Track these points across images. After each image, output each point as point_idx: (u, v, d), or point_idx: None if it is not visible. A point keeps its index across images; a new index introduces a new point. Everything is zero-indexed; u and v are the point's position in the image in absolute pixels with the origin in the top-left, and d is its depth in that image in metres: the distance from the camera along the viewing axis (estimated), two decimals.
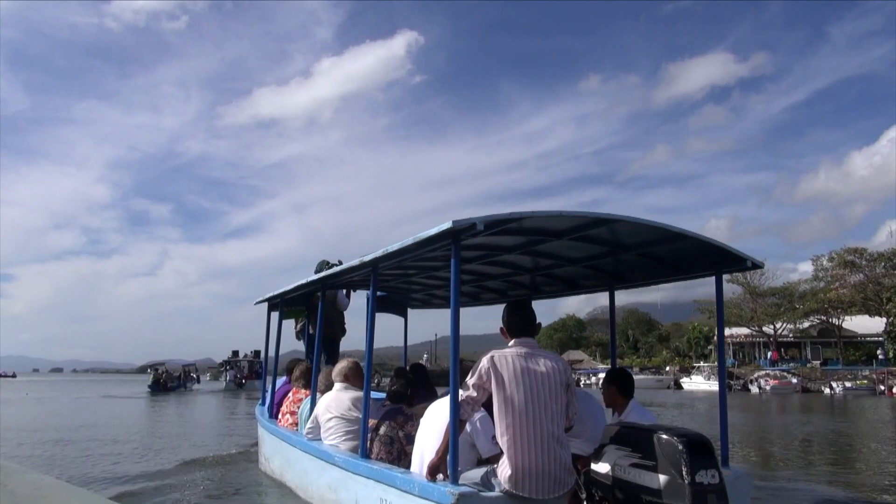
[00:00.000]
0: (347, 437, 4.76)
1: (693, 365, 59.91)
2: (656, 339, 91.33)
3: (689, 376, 51.68)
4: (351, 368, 5.09)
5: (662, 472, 2.98)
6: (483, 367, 3.14)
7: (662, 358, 72.74)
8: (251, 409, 22.67)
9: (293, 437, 5.55)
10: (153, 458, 8.86)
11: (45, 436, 11.69)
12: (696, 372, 51.42)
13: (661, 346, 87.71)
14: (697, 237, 3.85)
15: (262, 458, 7.18)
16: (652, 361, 75.30)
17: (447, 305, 8.58)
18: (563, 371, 3.24)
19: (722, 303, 4.41)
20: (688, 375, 52.66)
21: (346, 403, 4.84)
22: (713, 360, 59.97)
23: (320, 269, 9.17)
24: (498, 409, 3.08)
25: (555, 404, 3.11)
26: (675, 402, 27.50)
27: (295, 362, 7.41)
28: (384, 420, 4.25)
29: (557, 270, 5.57)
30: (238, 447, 9.72)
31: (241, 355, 46.42)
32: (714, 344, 69.36)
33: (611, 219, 3.54)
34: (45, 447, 10.08)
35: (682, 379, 50.73)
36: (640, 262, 4.70)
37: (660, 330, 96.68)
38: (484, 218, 3.11)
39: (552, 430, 3.07)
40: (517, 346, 3.26)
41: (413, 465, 3.79)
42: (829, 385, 40.84)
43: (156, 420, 17.40)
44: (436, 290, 7.72)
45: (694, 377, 49.69)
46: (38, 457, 9.14)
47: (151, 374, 37.93)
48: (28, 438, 11.19)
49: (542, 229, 4.05)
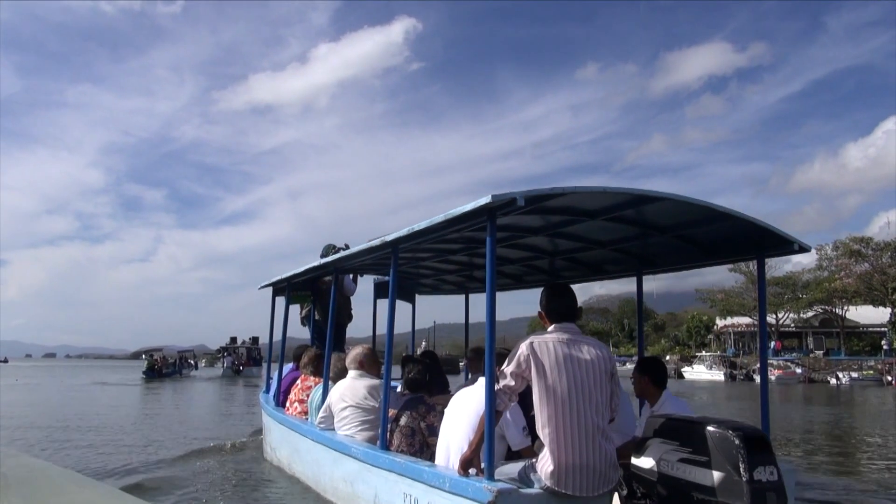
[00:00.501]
0: (363, 427, 4.57)
1: (694, 354, 60.06)
2: (651, 328, 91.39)
3: (690, 365, 51.78)
4: (366, 355, 4.90)
5: (717, 468, 2.80)
6: (522, 354, 2.94)
7: (661, 347, 73.04)
8: (250, 397, 22.52)
9: (304, 427, 5.37)
10: (153, 448, 8.67)
11: (36, 426, 11.22)
12: (698, 361, 51.54)
13: (656, 335, 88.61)
14: (744, 218, 3.63)
15: (267, 447, 7.01)
16: (649, 350, 75.50)
17: (459, 291, 8.40)
18: (608, 359, 3.04)
19: (765, 290, 4.22)
20: (688, 364, 52.77)
21: (362, 392, 4.65)
22: (714, 349, 60.13)
23: (326, 253, 8.96)
24: (539, 399, 2.88)
25: (599, 394, 2.92)
26: (676, 391, 27.39)
27: (303, 349, 7.22)
28: (405, 410, 4.06)
29: (581, 254, 5.38)
30: (241, 436, 9.55)
31: (240, 342, 46.26)
32: (714, 333, 69.67)
33: (656, 196, 3.33)
34: (37, 439, 9.83)
35: (684, 368, 50.82)
36: (674, 245, 4.49)
37: (655, 319, 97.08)
38: (524, 192, 2.89)
39: (597, 422, 2.88)
40: (558, 331, 3.06)
41: (438, 459, 3.61)
42: (836, 375, 40.89)
43: (151, 408, 17.05)
44: (447, 274, 7.52)
45: (696, 366, 49.82)
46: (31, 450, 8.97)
47: (146, 360, 37.73)
48: (17, 430, 10.71)
49: (576, 208, 3.83)
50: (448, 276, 7.71)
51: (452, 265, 6.80)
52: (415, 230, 3.62)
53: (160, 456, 7.78)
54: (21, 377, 34.60)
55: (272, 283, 7.81)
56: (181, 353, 43.91)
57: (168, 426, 11.69)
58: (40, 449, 8.56)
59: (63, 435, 9.91)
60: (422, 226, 3.54)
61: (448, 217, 3.27)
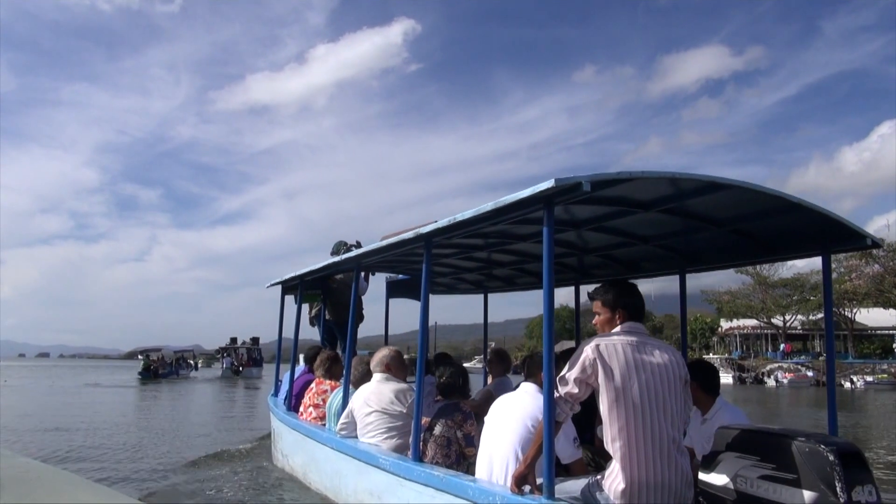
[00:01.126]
0: (390, 435, 4.30)
1: (700, 357, 59.72)
2: (650, 330, 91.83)
3: None
4: (393, 357, 4.63)
5: (808, 487, 2.52)
6: (587, 358, 2.66)
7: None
8: (252, 399, 22.24)
9: (322, 434, 5.08)
10: (154, 456, 8.34)
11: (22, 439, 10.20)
12: None
13: (655, 337, 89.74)
14: (817, 209, 3.36)
15: (278, 453, 6.74)
16: None
17: (476, 291, 8.11)
18: (680, 364, 2.77)
19: (830, 290, 3.92)
20: None
21: (389, 396, 4.37)
22: (721, 352, 59.86)
23: (338, 250, 8.69)
24: (608, 408, 2.60)
25: (674, 403, 2.64)
26: None
27: (315, 350, 6.96)
28: (439, 418, 3.78)
29: (619, 251, 5.11)
30: (246, 441, 9.28)
31: (240, 342, 45.89)
32: (719, 335, 69.47)
33: (725, 184, 3.05)
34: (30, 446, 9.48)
35: None
36: (727, 241, 4.21)
37: (653, 321, 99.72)
38: (591, 176, 2.61)
39: (672, 435, 2.60)
40: (626, 332, 2.77)
41: (479, 472, 3.34)
42: (850, 379, 40.61)
43: (149, 412, 16.56)
44: (466, 273, 7.25)
45: None
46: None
47: (142, 360, 37.28)
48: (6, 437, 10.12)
49: (629, 198, 3.56)
50: (467, 275, 7.44)
51: (473, 262, 6.52)
52: (457, 220, 3.34)
53: (163, 464, 7.50)
54: (10, 377, 33.40)
55: (282, 281, 7.53)
56: (179, 354, 43.46)
57: (169, 431, 11.38)
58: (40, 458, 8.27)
59: (52, 444, 9.43)
60: (466, 216, 3.25)
61: (499, 205, 2.99)
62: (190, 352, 47.38)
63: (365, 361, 5.25)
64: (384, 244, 4.40)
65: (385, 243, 4.41)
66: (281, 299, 7.89)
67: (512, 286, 7.70)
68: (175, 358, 41.54)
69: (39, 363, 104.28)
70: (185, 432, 11.07)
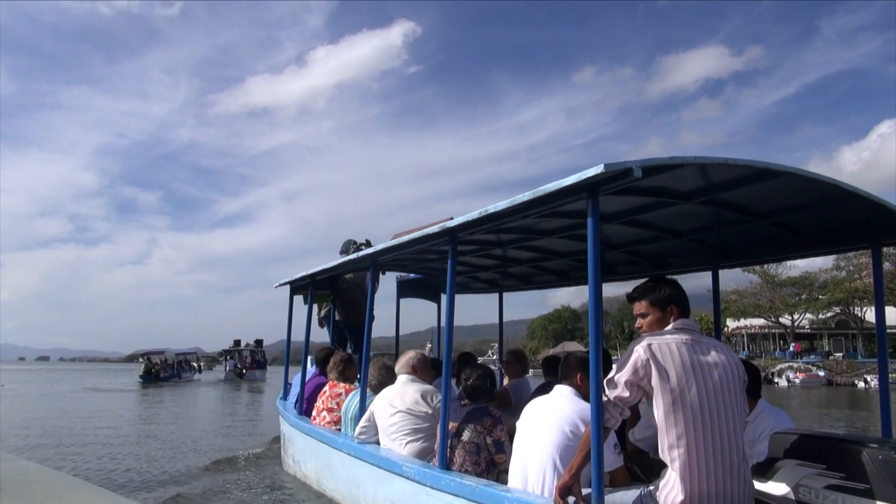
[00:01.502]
0: (416, 437, 4.11)
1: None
2: None
3: None
4: (419, 360, 4.46)
5: (883, 498, 2.33)
6: (639, 359, 2.47)
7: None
8: (256, 401, 22.04)
9: (337, 439, 4.90)
10: (159, 463, 8.12)
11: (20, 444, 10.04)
12: None
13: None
14: (872, 198, 3.16)
15: (288, 459, 6.56)
16: None
17: (491, 290, 7.92)
18: (737, 363, 2.58)
19: (881, 285, 3.73)
20: None
21: (414, 396, 4.19)
22: None
23: (347, 249, 8.51)
24: (664, 414, 2.41)
25: (735, 407, 2.46)
26: None
27: (328, 351, 6.78)
28: (468, 423, 3.59)
29: (645, 246, 4.92)
30: (254, 446, 9.10)
31: (243, 344, 45.62)
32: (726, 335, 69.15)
33: (779, 171, 2.85)
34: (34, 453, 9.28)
35: None
36: (766, 234, 4.02)
37: None
38: (642, 162, 2.42)
39: (735, 442, 2.41)
40: (679, 331, 2.58)
41: (512, 481, 3.15)
42: (864, 378, 40.26)
43: (152, 417, 16.22)
44: (482, 271, 7.06)
45: None
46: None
47: (144, 364, 36.91)
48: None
49: (667, 189, 3.37)
50: (482, 274, 7.25)
51: (489, 260, 6.34)
52: (489, 213, 3.15)
53: (171, 472, 7.29)
54: (8, 382, 32.76)
55: (291, 281, 7.35)
56: (182, 356, 42.95)
57: (174, 437, 11.11)
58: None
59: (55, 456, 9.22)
60: (499, 207, 3.05)
61: (538, 195, 2.79)
62: (193, 354, 46.93)
63: (385, 365, 5.08)
64: (405, 240, 4.21)
65: (405, 239, 4.22)
66: (289, 300, 7.72)
67: (528, 285, 7.51)
68: (177, 361, 41.13)
69: (39, 366, 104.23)
70: (191, 438, 10.84)
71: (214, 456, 8.17)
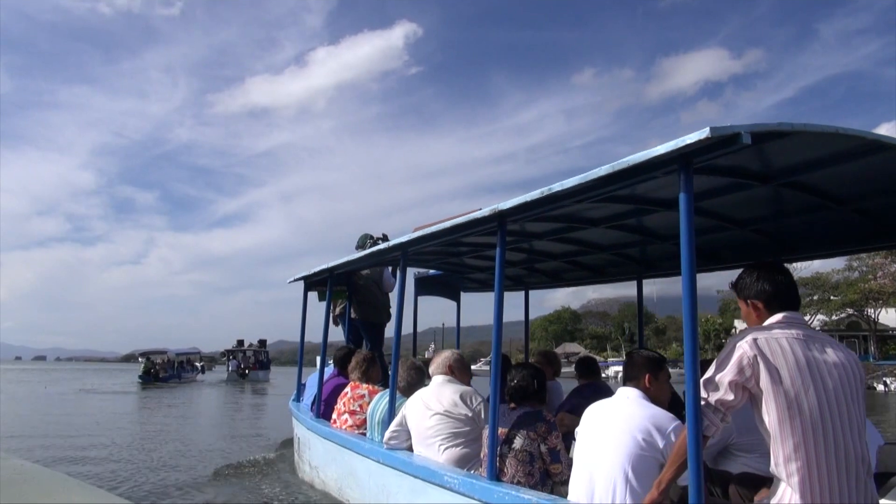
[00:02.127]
0: (455, 442, 3.80)
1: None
2: (652, 332, 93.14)
3: None
4: (456, 360, 4.16)
5: None
6: (745, 356, 2.16)
7: (673, 352, 72.96)
8: (261, 403, 21.69)
9: (363, 445, 4.59)
10: (170, 469, 7.80)
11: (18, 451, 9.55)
12: None
13: (657, 339, 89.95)
14: None
15: (303, 465, 6.25)
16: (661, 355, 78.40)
17: (516, 287, 7.60)
18: (857, 363, 2.26)
19: None
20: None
21: (452, 398, 3.88)
22: None
23: (363, 243, 8.21)
24: (778, 421, 2.10)
25: (857, 412, 2.14)
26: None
27: (346, 350, 6.48)
28: (520, 429, 3.27)
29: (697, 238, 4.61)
30: (264, 450, 8.79)
31: (246, 344, 45.24)
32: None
33: (892, 145, 2.53)
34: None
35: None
36: (842, 222, 3.72)
37: (656, 323, 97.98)
38: (750, 126, 2.11)
39: (860, 452, 2.10)
40: (789, 325, 2.27)
41: (575, 494, 2.84)
42: (883, 381, 39.86)
43: (155, 420, 15.61)
44: (508, 267, 6.76)
45: None
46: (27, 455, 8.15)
47: (143, 363, 36.35)
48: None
49: (742, 169, 3.05)
50: (507, 270, 6.96)
51: (518, 254, 6.04)
52: (553, 192, 2.81)
53: (179, 480, 6.91)
54: (3, 382, 32.08)
55: (307, 276, 7.04)
56: (184, 356, 42.33)
57: (179, 441, 10.69)
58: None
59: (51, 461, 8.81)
60: (568, 185, 2.71)
61: (618, 169, 2.45)
62: (196, 354, 46.42)
63: (415, 366, 4.77)
64: (445, 226, 3.88)
65: (446, 226, 3.89)
66: (303, 296, 7.41)
67: (556, 282, 7.21)
68: (179, 361, 40.52)
69: (36, 366, 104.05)
70: (195, 442, 10.43)
71: (222, 462, 7.85)
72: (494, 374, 3.41)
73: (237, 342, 45.17)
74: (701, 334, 78.82)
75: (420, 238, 4.30)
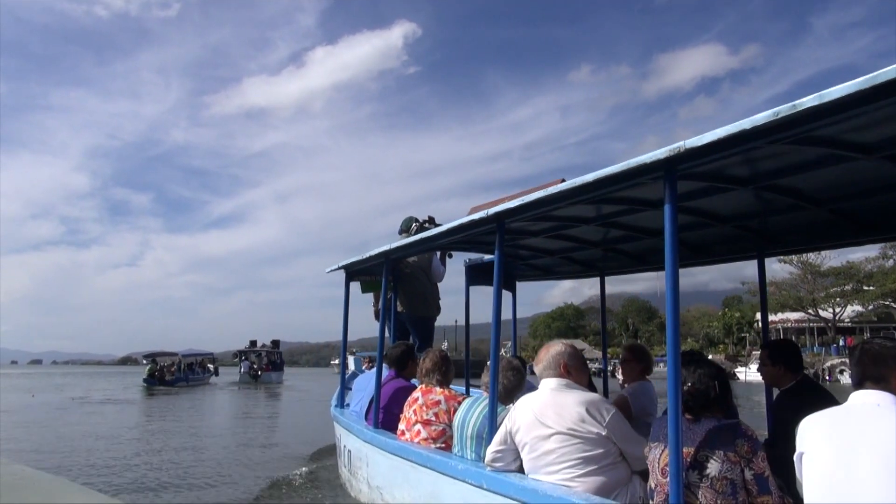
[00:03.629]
0: (587, 470, 3.02)
1: (740, 354, 58.32)
2: (657, 327, 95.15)
3: (742, 365, 50.12)
4: (571, 355, 3.36)
5: None
6: None
7: (689, 346, 73.08)
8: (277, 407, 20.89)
9: (455, 465, 3.80)
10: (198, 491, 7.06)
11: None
12: (754, 361, 49.76)
13: (662, 334, 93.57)
14: None
15: (358, 483, 5.50)
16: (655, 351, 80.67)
17: (588, 273, 6.81)
18: None
19: None
20: (740, 364, 51.14)
21: (576, 411, 3.10)
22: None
23: (408, 227, 7.47)
24: None
25: None
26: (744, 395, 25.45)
27: (404, 347, 5.72)
28: (712, 449, 2.50)
29: (776, 218, 4.06)
30: (296, 463, 8.05)
31: (259, 345, 44.44)
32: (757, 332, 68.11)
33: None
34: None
35: (737, 368, 49.16)
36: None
37: (661, 318, 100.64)
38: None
39: None
40: None
41: None
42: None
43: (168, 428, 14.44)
44: (578, 251, 6.01)
45: (752, 366, 48.02)
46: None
47: (147, 366, 35.39)
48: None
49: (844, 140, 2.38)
50: (578, 254, 6.18)
51: (594, 233, 5.29)
52: (687, 148, 2.04)
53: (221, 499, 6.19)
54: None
55: (351, 263, 6.29)
56: (193, 357, 41.22)
57: (200, 453, 9.84)
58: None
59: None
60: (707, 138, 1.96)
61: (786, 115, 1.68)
62: (209, 356, 45.25)
63: (513, 366, 4.02)
64: (540, 195, 3.23)
65: (538, 195, 3.23)
66: (345, 287, 6.67)
67: (640, 265, 6.42)
68: (188, 363, 39.29)
69: (31, 370, 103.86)
70: (220, 457, 9.49)
71: (259, 482, 7.09)
72: (672, 372, 2.63)
73: (249, 342, 44.31)
74: (720, 328, 79.13)
75: (512, 210, 3.59)
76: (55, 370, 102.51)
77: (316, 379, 50.66)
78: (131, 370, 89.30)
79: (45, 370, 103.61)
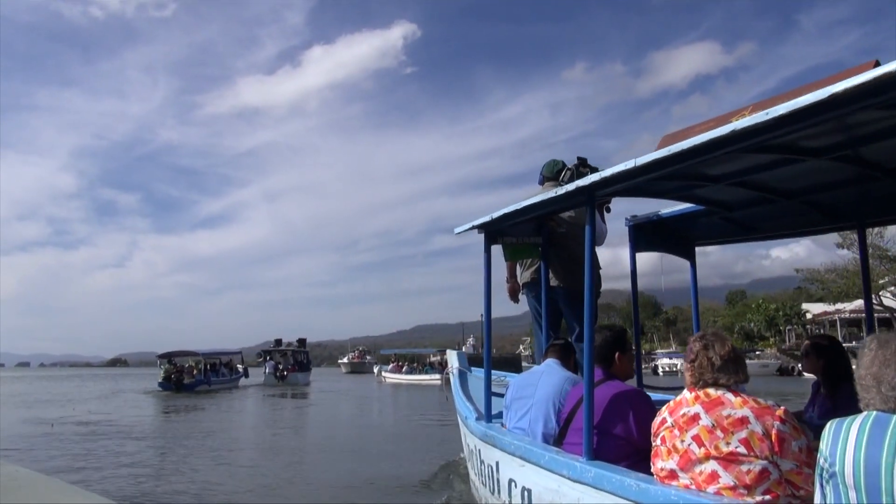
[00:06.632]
0: None
1: (793, 349, 56.76)
2: (662, 322, 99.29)
3: (798, 361, 48.57)
4: None
5: None
6: None
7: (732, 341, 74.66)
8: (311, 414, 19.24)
9: None
10: None
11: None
12: None
13: (667, 329, 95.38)
14: None
15: None
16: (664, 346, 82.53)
17: (842, 224, 5.14)
18: None
19: None
20: (794, 360, 49.72)
21: None
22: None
23: (553, 173, 5.85)
24: None
25: None
26: (801, 391, 23.51)
27: (612, 331, 4.05)
28: None
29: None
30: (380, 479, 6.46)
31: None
32: (815, 321, 66.48)
33: None
34: None
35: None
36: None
37: (666, 314, 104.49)
38: None
39: None
40: None
41: None
42: None
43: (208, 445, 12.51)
44: (823, 192, 4.41)
45: None
46: None
47: (162, 369, 33.60)
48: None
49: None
50: (823, 195, 4.51)
51: (848, 169, 3.74)
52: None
53: None
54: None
55: (491, 221, 4.65)
56: (217, 357, 39.04)
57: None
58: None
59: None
60: None
61: None
62: (238, 354, 43.13)
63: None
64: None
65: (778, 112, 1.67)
66: (485, 252, 5.00)
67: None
68: (211, 363, 37.06)
69: (19, 373, 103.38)
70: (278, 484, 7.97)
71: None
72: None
73: (275, 341, 42.87)
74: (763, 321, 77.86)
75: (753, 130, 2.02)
76: (43, 373, 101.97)
77: (330, 379, 49.74)
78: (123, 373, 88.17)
79: (34, 373, 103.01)
